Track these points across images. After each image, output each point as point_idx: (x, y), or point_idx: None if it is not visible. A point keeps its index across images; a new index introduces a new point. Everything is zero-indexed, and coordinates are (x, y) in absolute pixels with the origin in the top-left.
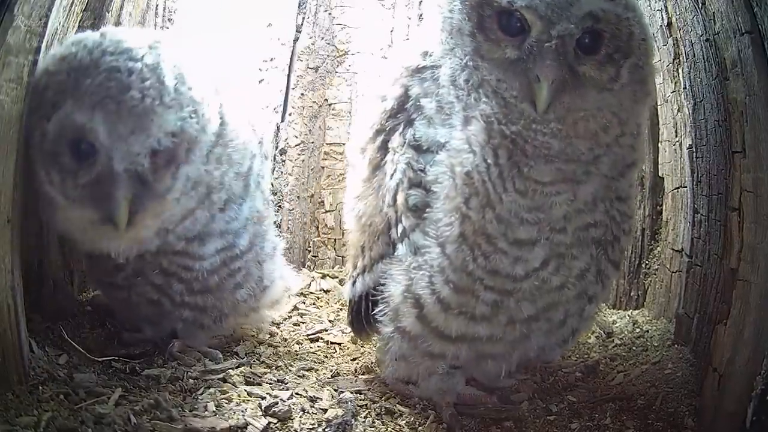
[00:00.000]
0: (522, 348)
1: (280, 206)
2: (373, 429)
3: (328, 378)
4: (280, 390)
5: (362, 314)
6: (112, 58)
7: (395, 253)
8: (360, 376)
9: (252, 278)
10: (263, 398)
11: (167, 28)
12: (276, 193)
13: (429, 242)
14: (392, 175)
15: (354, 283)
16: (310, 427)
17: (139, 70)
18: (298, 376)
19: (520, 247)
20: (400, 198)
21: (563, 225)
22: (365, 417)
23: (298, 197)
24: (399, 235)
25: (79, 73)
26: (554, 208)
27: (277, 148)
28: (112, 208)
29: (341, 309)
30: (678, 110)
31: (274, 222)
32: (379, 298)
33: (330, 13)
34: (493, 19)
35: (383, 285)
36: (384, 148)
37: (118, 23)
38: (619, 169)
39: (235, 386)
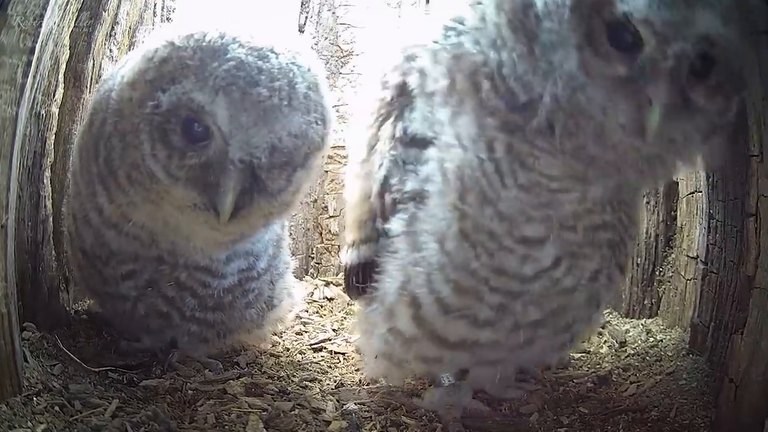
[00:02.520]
0: (522, 354)
1: None
2: None
3: (331, 389)
4: (282, 401)
5: (350, 283)
6: (243, 51)
7: (390, 248)
8: (365, 387)
9: (263, 298)
10: (265, 410)
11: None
12: None
13: (426, 238)
14: (380, 166)
15: (347, 251)
16: None
17: (269, 70)
18: (301, 386)
19: (529, 246)
20: (387, 197)
21: (572, 223)
22: (370, 429)
23: (301, 202)
24: (383, 228)
25: (207, 54)
26: (563, 206)
27: None
28: (220, 197)
29: (345, 318)
30: None
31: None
32: (373, 295)
33: (334, 12)
34: (603, 31)
35: (377, 281)
36: (376, 137)
37: (115, 23)
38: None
39: (236, 397)
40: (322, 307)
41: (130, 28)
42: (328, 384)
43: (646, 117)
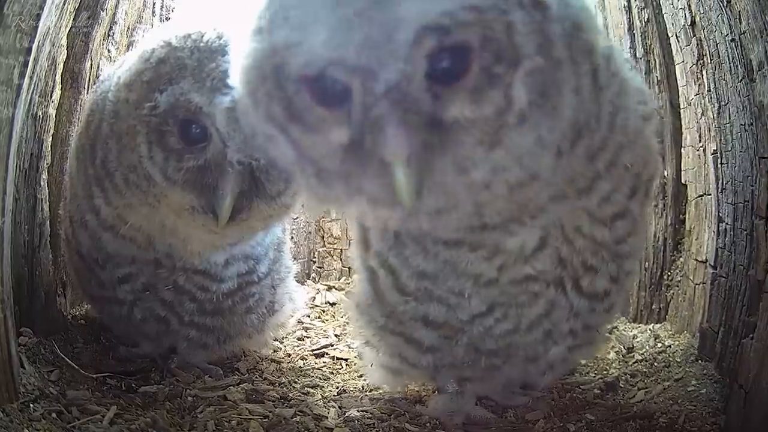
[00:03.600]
0: (498, 374)
1: None
2: None
3: (333, 395)
4: (284, 408)
5: None
6: None
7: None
8: (367, 394)
9: (263, 303)
10: (266, 417)
11: None
12: None
13: (361, 275)
14: None
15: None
16: None
17: None
18: (303, 393)
19: (457, 296)
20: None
21: (492, 277)
22: None
23: (302, 205)
24: None
25: (204, 54)
26: (471, 265)
27: None
28: (218, 200)
29: (348, 323)
30: (702, 114)
31: None
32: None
33: None
34: (304, 93)
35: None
36: None
37: (113, 22)
38: (600, 197)
39: (236, 404)
40: (324, 312)
41: (128, 27)
42: (330, 390)
43: (393, 182)
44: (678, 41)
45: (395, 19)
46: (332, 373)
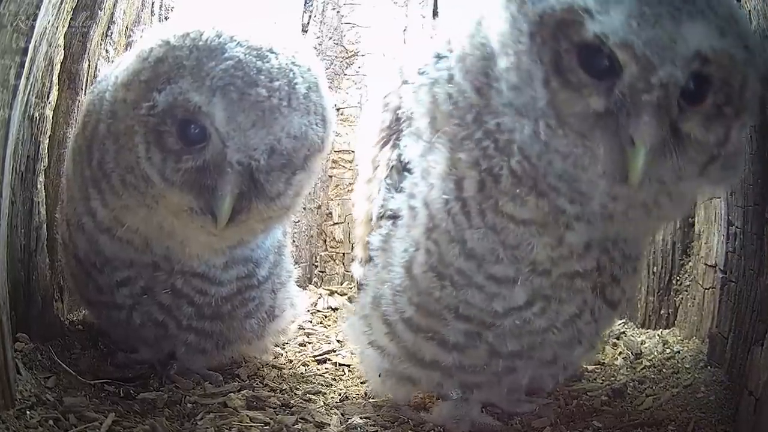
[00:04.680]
0: (508, 380)
1: None
2: None
3: (336, 402)
4: (285, 415)
5: None
6: (242, 50)
7: (371, 261)
8: (370, 401)
9: (264, 308)
10: (267, 424)
11: None
12: None
13: (395, 259)
14: (378, 191)
15: (357, 266)
16: None
17: (268, 70)
18: (304, 399)
19: (499, 284)
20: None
21: (547, 267)
22: None
23: (304, 208)
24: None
25: (204, 53)
26: (533, 250)
27: None
28: (217, 201)
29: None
30: None
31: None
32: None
33: (338, 11)
34: (573, 56)
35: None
36: (377, 160)
37: (111, 22)
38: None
39: (237, 411)
40: (326, 317)
41: (126, 27)
42: (333, 397)
43: (629, 160)
44: None
45: (681, 33)
46: (335, 379)
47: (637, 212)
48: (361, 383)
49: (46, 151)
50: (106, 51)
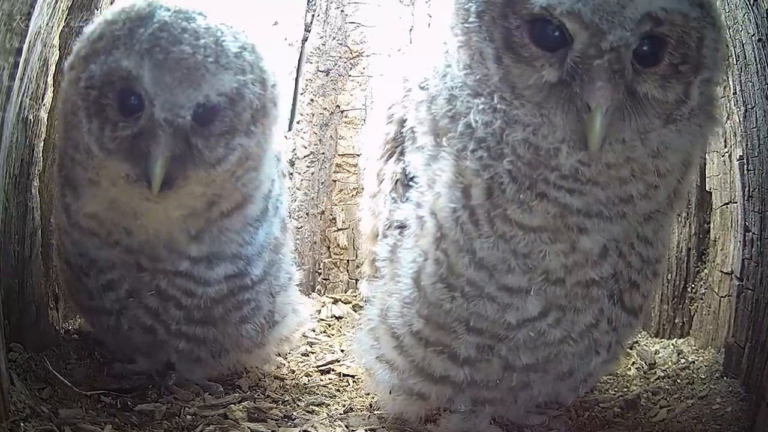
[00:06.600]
0: (523, 395)
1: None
2: None
3: (340, 414)
4: (287, 427)
5: None
6: (168, 13)
7: (377, 273)
8: (375, 412)
9: (261, 312)
10: None
11: None
12: None
13: (403, 270)
14: (384, 204)
15: (364, 282)
16: None
17: (194, 29)
18: (307, 411)
19: (511, 294)
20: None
21: (560, 276)
22: None
23: (307, 214)
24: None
25: (135, 23)
26: (546, 258)
27: None
28: (149, 165)
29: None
30: (727, 117)
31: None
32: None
33: (342, 11)
34: (523, 31)
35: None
36: (382, 173)
37: None
38: (645, 214)
39: (238, 423)
40: (330, 326)
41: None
42: (337, 409)
43: (586, 126)
44: None
45: None
46: (338, 390)
47: (616, 173)
48: (366, 394)
49: (41, 154)
50: None
